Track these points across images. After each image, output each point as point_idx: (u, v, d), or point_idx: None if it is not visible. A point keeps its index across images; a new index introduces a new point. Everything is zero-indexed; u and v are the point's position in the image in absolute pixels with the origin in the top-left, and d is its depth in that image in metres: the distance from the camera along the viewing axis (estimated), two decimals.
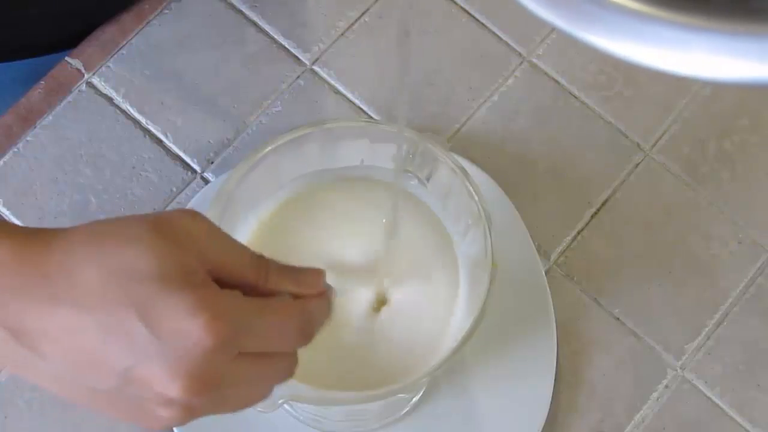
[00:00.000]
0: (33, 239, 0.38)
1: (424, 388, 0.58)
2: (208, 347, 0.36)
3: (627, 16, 0.29)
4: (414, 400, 0.58)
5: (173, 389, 0.37)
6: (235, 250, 0.40)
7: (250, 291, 0.39)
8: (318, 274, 0.43)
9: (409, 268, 0.54)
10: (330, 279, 0.45)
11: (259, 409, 0.46)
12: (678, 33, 0.29)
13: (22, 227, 0.39)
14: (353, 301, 0.53)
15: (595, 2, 0.30)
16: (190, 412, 0.38)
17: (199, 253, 0.38)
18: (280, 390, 0.47)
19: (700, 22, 0.29)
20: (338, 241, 0.54)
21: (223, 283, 0.39)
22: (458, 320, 0.53)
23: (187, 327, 0.36)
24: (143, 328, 0.36)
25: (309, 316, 0.41)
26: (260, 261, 0.41)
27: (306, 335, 0.41)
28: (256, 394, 0.41)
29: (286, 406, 0.57)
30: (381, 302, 0.54)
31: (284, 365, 0.41)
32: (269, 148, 0.52)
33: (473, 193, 0.52)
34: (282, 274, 0.41)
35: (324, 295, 0.43)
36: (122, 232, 0.38)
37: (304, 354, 0.52)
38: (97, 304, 0.36)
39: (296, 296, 0.41)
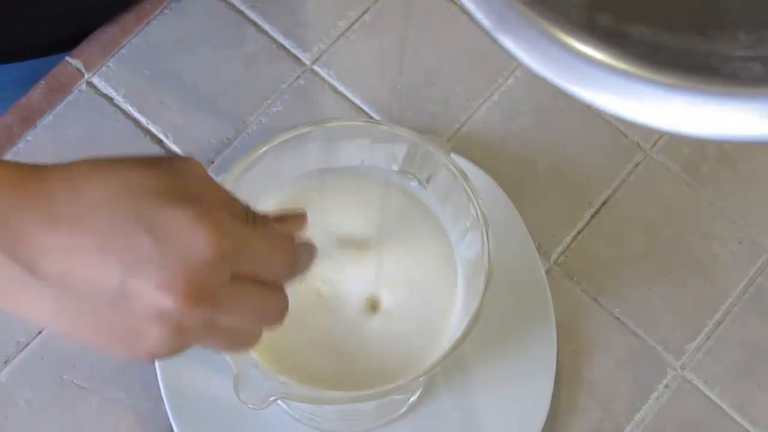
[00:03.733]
0: (31, 165, 0.39)
1: (420, 389, 0.58)
2: (209, 257, 0.37)
3: (613, 75, 0.31)
4: (412, 400, 0.58)
5: (168, 297, 0.37)
6: (226, 191, 0.41)
7: None
8: (301, 216, 0.44)
9: (406, 269, 0.54)
10: (329, 278, 0.45)
11: (250, 405, 0.46)
12: (657, 91, 0.31)
13: (19, 162, 0.39)
14: (350, 300, 0.53)
15: (586, 62, 0.31)
16: (179, 332, 0.38)
17: (201, 185, 0.40)
18: (273, 388, 0.47)
19: (679, 82, 0.30)
20: (337, 241, 0.54)
21: None
22: (455, 322, 0.53)
23: (190, 235, 0.37)
24: (145, 236, 0.37)
25: (297, 249, 0.42)
26: (248, 205, 0.42)
27: (293, 267, 0.42)
28: (246, 331, 0.41)
29: (282, 404, 0.57)
30: (378, 303, 0.54)
31: (275, 300, 0.41)
32: (268, 146, 0.52)
33: (472, 196, 0.52)
34: (267, 215, 0.42)
35: (308, 244, 0.44)
36: (125, 161, 0.39)
37: (301, 353, 0.52)
38: (100, 217, 0.37)
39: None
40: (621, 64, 0.31)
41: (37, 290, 0.38)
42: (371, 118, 0.66)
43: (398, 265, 0.54)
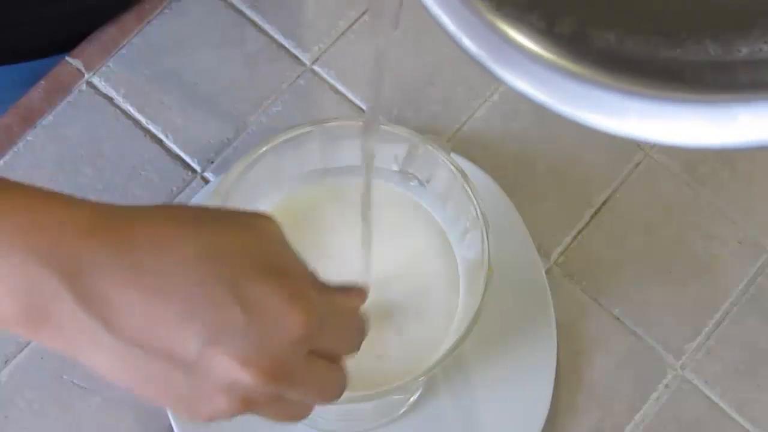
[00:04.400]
0: (112, 208, 0.37)
1: (420, 389, 0.58)
2: (297, 336, 0.37)
3: (572, 80, 0.31)
4: (412, 399, 0.58)
5: (247, 373, 0.36)
6: (299, 258, 0.40)
7: None
8: (363, 290, 0.43)
9: (406, 269, 0.54)
10: (330, 279, 0.45)
11: None
12: (645, 104, 0.30)
13: (89, 200, 0.37)
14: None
15: (545, 66, 0.31)
16: (246, 403, 0.37)
17: (281, 249, 0.39)
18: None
19: (640, 89, 0.31)
20: (337, 241, 0.54)
21: None
22: (455, 322, 0.53)
23: (282, 313, 0.36)
24: (233, 306, 0.36)
25: (363, 323, 0.42)
26: (315, 274, 0.41)
27: (358, 342, 0.42)
28: (305, 407, 0.41)
29: None
30: (378, 302, 0.54)
31: (339, 377, 0.41)
32: (268, 146, 0.52)
33: (472, 195, 0.52)
34: (332, 286, 0.41)
35: (366, 315, 0.43)
36: (212, 216, 0.38)
37: None
38: (186, 278, 0.36)
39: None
40: (580, 69, 0.31)
41: (108, 344, 0.36)
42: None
43: (398, 265, 0.54)
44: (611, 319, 0.62)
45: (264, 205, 0.54)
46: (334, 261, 0.54)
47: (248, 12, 0.68)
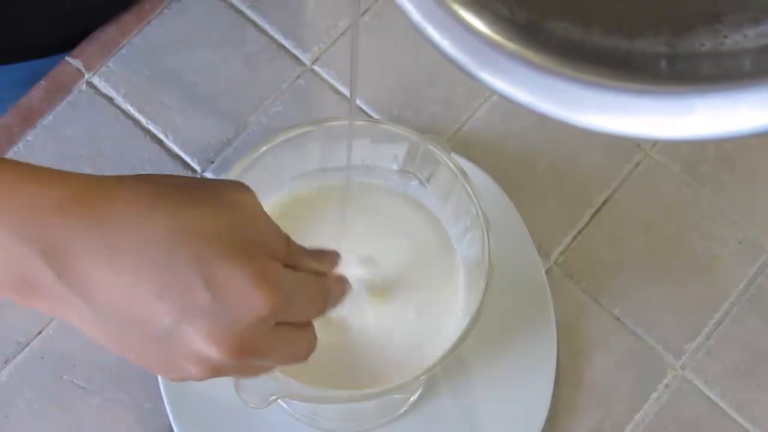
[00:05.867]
0: (91, 184, 0.38)
1: (420, 389, 0.58)
2: (261, 316, 0.38)
3: (531, 69, 0.31)
4: (412, 399, 0.58)
5: (214, 350, 0.38)
6: (275, 227, 0.42)
7: (274, 259, 0.41)
8: (335, 254, 0.46)
9: (407, 268, 0.54)
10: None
11: (251, 405, 0.47)
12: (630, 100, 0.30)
13: (69, 172, 0.39)
14: (350, 300, 0.53)
15: (505, 55, 0.31)
16: (215, 372, 0.40)
17: (253, 224, 0.41)
18: (273, 387, 0.47)
19: (598, 79, 0.31)
20: (337, 240, 0.54)
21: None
22: (456, 321, 0.53)
23: (248, 294, 0.38)
24: (204, 287, 0.38)
25: (330, 289, 0.44)
26: (289, 240, 0.43)
27: (326, 308, 0.44)
28: (272, 367, 0.43)
29: (282, 403, 0.57)
30: (378, 302, 0.54)
31: (306, 340, 0.43)
32: (269, 145, 0.52)
33: (473, 195, 0.52)
34: (305, 252, 0.43)
35: (341, 278, 0.46)
36: (188, 192, 0.40)
37: None
38: (160, 257, 0.37)
39: (317, 273, 0.44)
40: (540, 59, 0.31)
41: (88, 314, 0.38)
42: (371, 117, 0.66)
43: (398, 265, 0.54)
44: (611, 319, 0.62)
45: (264, 203, 0.54)
46: None
47: (248, 12, 0.68)
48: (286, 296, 0.39)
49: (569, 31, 0.31)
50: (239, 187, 0.42)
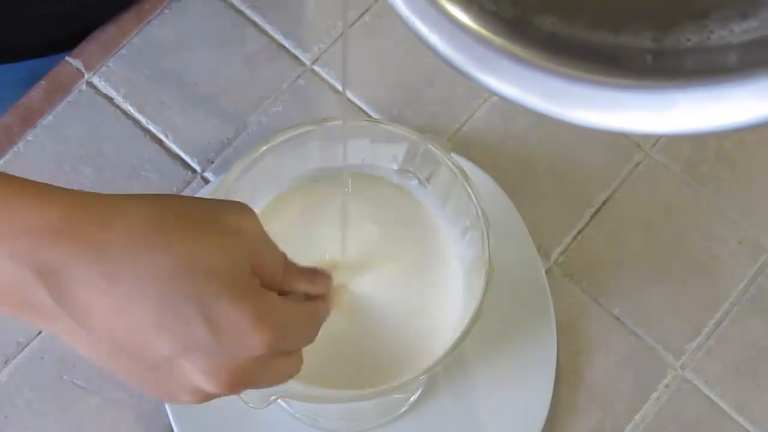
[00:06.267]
0: (87, 206, 0.38)
1: (421, 388, 0.58)
2: (258, 354, 0.39)
3: (517, 64, 0.31)
4: (412, 399, 0.58)
5: (210, 384, 0.39)
6: (274, 249, 0.42)
7: (271, 285, 0.41)
8: (328, 276, 0.46)
9: (407, 268, 0.54)
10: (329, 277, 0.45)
11: (251, 405, 0.47)
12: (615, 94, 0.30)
13: (70, 190, 0.38)
14: (351, 300, 0.53)
15: (492, 50, 0.31)
16: (207, 399, 0.40)
17: (254, 252, 0.40)
18: (274, 387, 0.47)
19: (583, 74, 0.31)
20: (337, 240, 0.54)
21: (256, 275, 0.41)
22: (455, 321, 0.53)
23: (248, 335, 0.38)
24: (202, 322, 0.37)
25: (322, 318, 0.45)
26: (287, 261, 0.43)
27: (314, 336, 0.44)
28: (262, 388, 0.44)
29: (282, 403, 0.57)
30: (378, 302, 0.54)
31: (294, 367, 0.43)
32: (268, 145, 0.52)
33: (473, 195, 0.52)
34: (300, 274, 0.44)
35: (327, 301, 0.46)
36: (189, 218, 0.39)
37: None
38: (161, 290, 0.37)
39: (308, 295, 0.44)
40: (527, 54, 0.31)
41: (83, 336, 0.38)
42: (371, 117, 0.66)
43: (398, 265, 0.54)
44: (611, 319, 0.62)
45: (264, 203, 0.54)
46: (333, 258, 0.54)
47: (248, 12, 0.68)
48: (283, 333, 0.40)
49: (556, 26, 0.32)
50: (240, 209, 0.41)
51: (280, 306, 0.40)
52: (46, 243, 0.36)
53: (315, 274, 0.45)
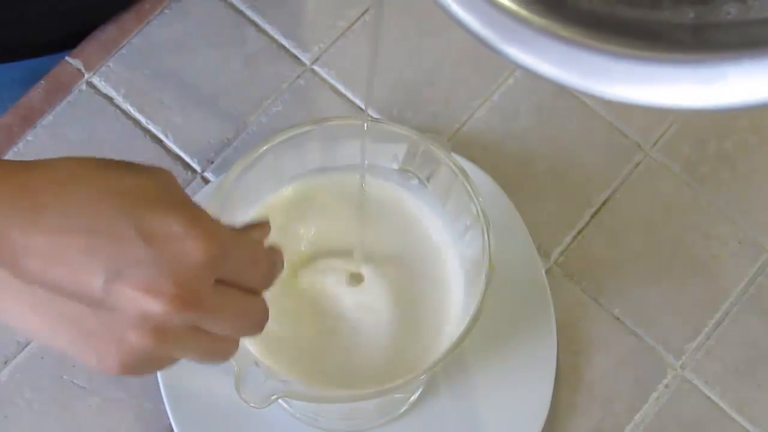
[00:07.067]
0: (16, 162, 0.38)
1: (421, 388, 0.58)
2: (199, 261, 0.37)
3: (558, 42, 0.31)
4: (412, 399, 0.58)
5: (156, 300, 0.36)
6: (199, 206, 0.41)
7: None
8: (264, 225, 0.44)
9: (407, 268, 0.54)
10: (329, 278, 0.45)
11: (251, 404, 0.47)
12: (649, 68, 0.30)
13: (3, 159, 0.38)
14: (351, 299, 0.53)
15: (532, 29, 0.31)
16: (161, 338, 0.37)
17: (180, 190, 0.39)
18: (274, 387, 0.47)
19: (625, 50, 0.30)
20: (337, 240, 0.54)
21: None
22: (456, 321, 0.53)
23: (183, 239, 0.37)
24: (136, 239, 0.36)
25: (274, 258, 0.42)
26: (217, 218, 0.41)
27: (272, 275, 0.42)
28: (225, 339, 0.41)
29: (282, 402, 0.57)
30: (378, 301, 0.54)
31: (256, 307, 0.41)
32: (268, 145, 0.52)
33: (473, 194, 0.52)
34: (235, 227, 0.42)
35: (276, 247, 0.43)
36: (112, 163, 0.39)
37: (302, 352, 0.53)
38: (87, 217, 0.36)
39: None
40: (566, 32, 0.31)
41: (15, 288, 0.37)
42: (371, 117, 0.66)
43: (398, 264, 0.54)
44: (611, 319, 0.62)
45: (264, 203, 0.54)
46: (334, 258, 0.54)
47: (248, 12, 0.68)
48: (222, 246, 0.38)
49: (594, 4, 0.31)
50: (160, 169, 0.40)
51: (217, 223, 0.39)
52: None
53: (249, 224, 0.43)
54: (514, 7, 0.31)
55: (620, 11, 0.31)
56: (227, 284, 0.39)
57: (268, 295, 0.42)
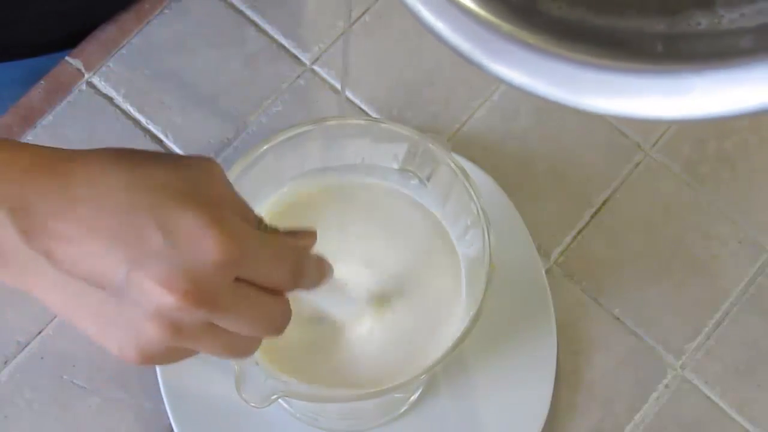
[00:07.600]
0: (55, 150, 0.39)
1: (421, 388, 0.58)
2: (215, 259, 0.37)
3: (526, 50, 0.31)
4: (413, 398, 0.58)
5: (169, 294, 0.37)
6: (241, 198, 0.42)
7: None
8: (312, 234, 0.44)
9: (407, 268, 0.54)
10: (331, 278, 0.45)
11: (252, 404, 0.46)
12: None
13: (38, 145, 0.39)
14: (351, 299, 0.53)
15: (502, 37, 0.31)
16: (176, 333, 0.38)
17: (217, 190, 0.40)
18: (274, 387, 0.47)
19: (593, 59, 0.30)
20: (337, 240, 0.54)
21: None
22: (456, 320, 0.53)
23: (200, 236, 0.37)
24: (158, 232, 0.37)
25: (303, 260, 0.42)
26: (260, 216, 0.42)
27: (298, 278, 0.42)
28: (245, 338, 0.41)
29: (282, 402, 0.57)
30: (378, 301, 0.54)
31: (276, 308, 0.41)
32: (268, 145, 0.52)
33: (473, 194, 0.52)
34: (277, 229, 0.43)
35: (321, 257, 0.44)
36: (151, 156, 0.40)
37: (302, 351, 0.52)
38: (118, 205, 0.37)
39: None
40: (535, 40, 0.30)
41: (51, 276, 0.38)
42: (371, 116, 0.66)
43: (399, 264, 0.54)
44: (611, 319, 0.62)
45: (264, 203, 0.54)
46: (334, 258, 0.54)
47: (248, 12, 0.68)
48: (244, 247, 0.38)
49: (564, 11, 0.31)
50: (206, 159, 0.41)
51: (245, 225, 0.39)
52: (17, 179, 0.37)
53: (295, 230, 0.44)
54: (483, 14, 0.31)
55: (591, 19, 0.31)
56: (249, 283, 0.40)
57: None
